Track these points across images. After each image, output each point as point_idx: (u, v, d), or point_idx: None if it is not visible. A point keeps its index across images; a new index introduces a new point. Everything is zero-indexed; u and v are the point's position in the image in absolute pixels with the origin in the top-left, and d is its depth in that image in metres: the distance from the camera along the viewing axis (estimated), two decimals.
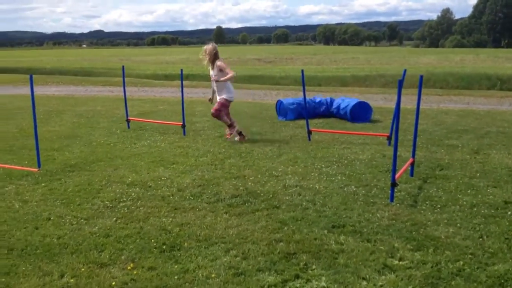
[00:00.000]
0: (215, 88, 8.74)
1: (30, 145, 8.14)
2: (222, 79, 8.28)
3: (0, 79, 25.44)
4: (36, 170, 6.60)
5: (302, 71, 8.32)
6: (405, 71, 7.52)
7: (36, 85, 21.64)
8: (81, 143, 8.55)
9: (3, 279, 3.46)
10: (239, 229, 4.41)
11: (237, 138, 8.59)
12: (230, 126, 8.69)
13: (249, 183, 5.87)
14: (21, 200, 5.35)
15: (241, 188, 5.68)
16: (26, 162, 7.10)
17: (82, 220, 4.68)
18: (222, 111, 8.54)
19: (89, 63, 38.84)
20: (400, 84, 5.06)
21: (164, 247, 4.03)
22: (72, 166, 6.87)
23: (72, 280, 3.46)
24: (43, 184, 5.94)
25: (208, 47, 8.46)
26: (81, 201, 5.27)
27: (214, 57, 8.43)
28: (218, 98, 8.68)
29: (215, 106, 8.62)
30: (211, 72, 8.58)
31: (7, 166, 6.84)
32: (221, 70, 8.39)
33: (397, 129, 5.21)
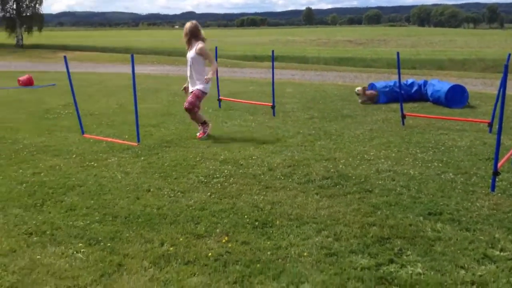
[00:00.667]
0: (190, 74, 7.38)
1: (129, 121, 8.58)
2: (210, 73, 7.17)
3: (101, 57, 26.93)
4: (136, 144, 6.95)
5: (398, 53, 8.06)
6: (509, 55, 7.07)
7: (127, 64, 22.70)
8: (176, 121, 8.88)
9: (109, 244, 3.70)
10: (330, 211, 4.40)
11: (199, 134, 7.40)
12: (204, 123, 7.47)
13: (340, 166, 5.82)
14: (123, 171, 5.66)
15: (332, 170, 5.64)
16: (126, 136, 7.50)
17: (179, 193, 4.89)
18: (196, 105, 7.31)
19: (182, 44, 39.99)
20: (506, 69, 4.79)
21: (257, 223, 4.11)
22: (168, 142, 7.16)
23: (171, 248, 3.63)
24: (142, 158, 6.25)
25: (188, 24, 7.32)
26: (177, 175, 5.49)
27: (193, 36, 7.22)
28: (191, 87, 7.42)
29: (189, 97, 7.35)
30: (188, 54, 7.33)
31: (109, 139, 7.27)
32: (200, 55, 7.17)
33: (501, 115, 4.92)
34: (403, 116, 8.31)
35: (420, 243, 3.71)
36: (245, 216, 4.28)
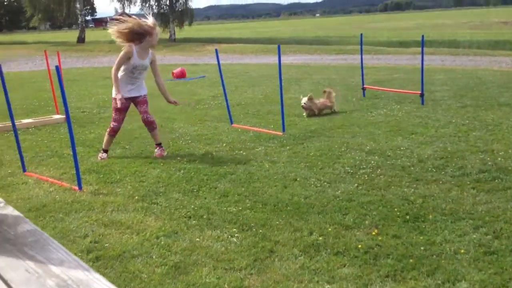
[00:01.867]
0: (136, 80, 6.00)
1: (274, 111, 8.79)
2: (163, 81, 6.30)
3: (245, 49, 27.91)
4: (281, 134, 7.11)
5: None
6: None
7: (275, 55, 23.19)
8: None
9: (261, 230, 3.85)
10: (488, 206, 4.11)
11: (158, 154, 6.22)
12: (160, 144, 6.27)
13: (499, 158, 5.39)
14: (270, 160, 5.83)
15: (489, 163, 5.25)
16: (271, 126, 7.70)
17: (325, 183, 4.91)
18: None
19: (323, 32, 39.96)
20: None
21: (408, 217, 3.98)
22: (312, 131, 7.21)
23: (320, 238, 3.67)
24: (288, 147, 6.37)
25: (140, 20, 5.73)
26: (323, 165, 5.51)
27: (138, 37, 5.71)
28: (138, 93, 6.05)
29: (146, 108, 6.08)
30: (140, 61, 5.84)
31: (256, 129, 7.53)
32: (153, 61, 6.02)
33: None
34: None
35: None
36: (395, 209, 4.16)
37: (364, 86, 10.16)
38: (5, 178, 5.54)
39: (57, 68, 4.99)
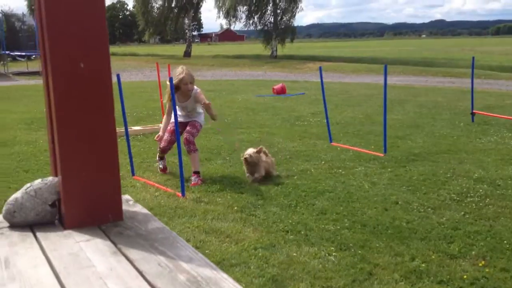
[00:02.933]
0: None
1: (375, 131, 8.62)
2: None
3: (346, 68, 27.70)
4: (382, 155, 6.95)
5: None
6: None
7: (377, 75, 22.75)
8: (423, 133, 8.60)
9: (359, 251, 3.77)
10: None
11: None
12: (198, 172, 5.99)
13: None
14: (370, 181, 5.71)
15: None
16: (372, 146, 7.55)
17: (429, 209, 4.72)
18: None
19: (429, 53, 38.69)
20: None
21: None
22: (415, 155, 6.98)
23: (423, 265, 3.52)
24: (389, 169, 6.21)
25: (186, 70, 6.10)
26: (426, 190, 5.31)
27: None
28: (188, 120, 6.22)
29: (192, 130, 6.05)
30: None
31: (356, 148, 7.42)
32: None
33: None
34: None
35: None
36: (504, 241, 3.90)
37: (473, 111, 9.68)
38: None
39: (171, 80, 5.26)
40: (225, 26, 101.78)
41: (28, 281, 1.24)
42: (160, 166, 6.35)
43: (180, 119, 6.07)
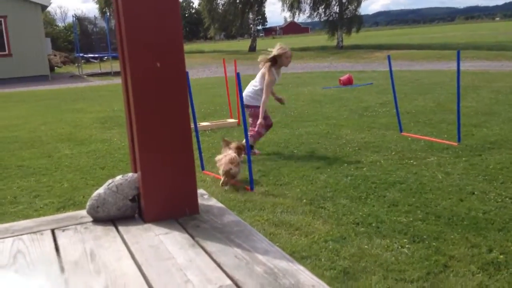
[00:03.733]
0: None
1: (448, 120, 8.34)
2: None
3: (415, 55, 26.86)
4: (456, 144, 6.71)
5: None
6: None
7: (449, 61, 21.91)
8: (500, 120, 8.22)
9: (434, 243, 3.69)
10: None
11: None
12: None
13: None
14: (443, 171, 5.55)
15: None
16: (445, 135, 7.31)
17: (507, 199, 4.53)
18: None
19: (504, 37, 36.79)
20: None
21: None
22: (491, 143, 6.70)
23: (501, 256, 3.40)
24: (463, 158, 6.00)
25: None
26: (504, 180, 5.09)
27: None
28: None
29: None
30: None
31: (427, 138, 7.21)
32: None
33: None
34: None
35: None
36: None
37: None
38: None
39: (238, 75, 5.34)
40: (289, 19, 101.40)
41: (113, 273, 1.31)
42: (256, 151, 6.76)
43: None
